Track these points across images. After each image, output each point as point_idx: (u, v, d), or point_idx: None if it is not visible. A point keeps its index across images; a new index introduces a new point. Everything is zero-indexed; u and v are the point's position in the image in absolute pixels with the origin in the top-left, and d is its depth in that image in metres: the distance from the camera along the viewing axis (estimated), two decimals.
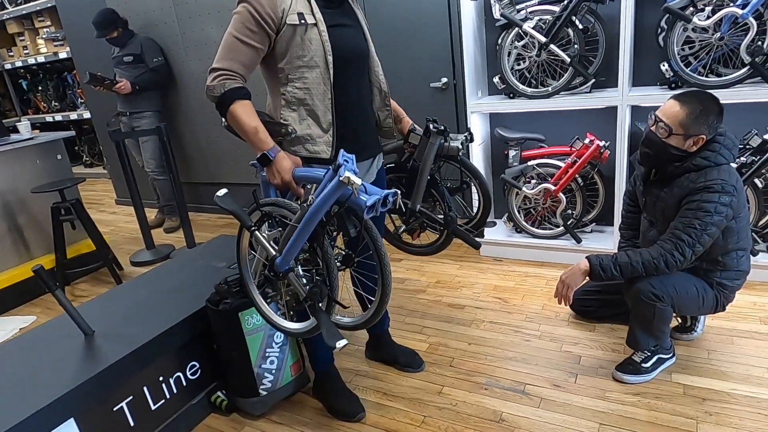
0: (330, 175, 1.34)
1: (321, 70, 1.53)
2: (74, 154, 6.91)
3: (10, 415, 1.44)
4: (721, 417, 1.69)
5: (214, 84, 1.47)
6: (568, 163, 2.73)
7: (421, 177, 1.88)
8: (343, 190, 1.27)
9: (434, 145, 1.82)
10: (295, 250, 1.44)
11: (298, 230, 1.39)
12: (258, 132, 1.49)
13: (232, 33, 1.47)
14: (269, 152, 1.48)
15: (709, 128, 1.71)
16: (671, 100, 1.77)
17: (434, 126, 1.81)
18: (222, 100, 1.47)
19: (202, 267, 2.36)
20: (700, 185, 1.71)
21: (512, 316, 2.41)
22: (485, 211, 2.07)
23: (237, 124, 1.49)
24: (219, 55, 1.49)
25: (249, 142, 1.51)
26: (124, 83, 3.78)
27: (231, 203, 1.45)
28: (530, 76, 2.75)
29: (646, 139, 1.83)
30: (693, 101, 1.72)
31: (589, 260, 1.82)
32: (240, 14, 1.46)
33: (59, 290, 1.78)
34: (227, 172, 4.36)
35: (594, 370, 1.98)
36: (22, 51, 6.37)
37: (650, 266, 1.74)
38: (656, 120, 1.78)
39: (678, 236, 1.71)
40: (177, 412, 1.89)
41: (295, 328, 1.62)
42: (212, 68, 1.49)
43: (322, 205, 1.32)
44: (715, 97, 1.74)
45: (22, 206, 3.29)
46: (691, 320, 2.10)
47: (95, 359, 1.70)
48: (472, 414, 1.84)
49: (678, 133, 1.73)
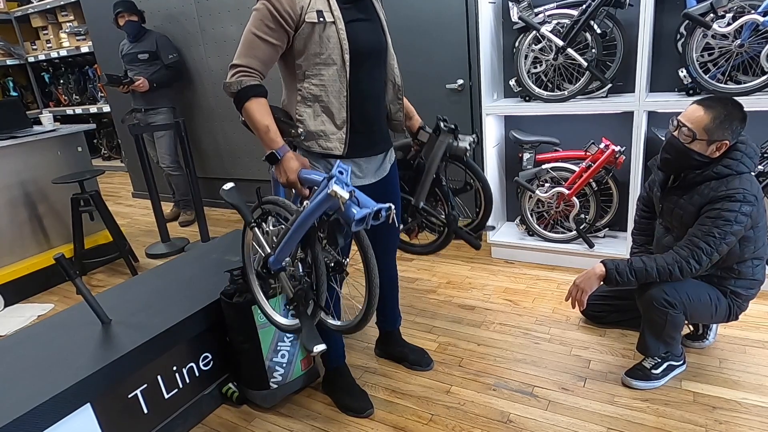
0: (325, 183, 1.36)
1: (338, 67, 1.55)
2: (93, 147, 7.02)
3: (29, 398, 1.49)
4: (730, 426, 1.68)
5: (232, 80, 1.51)
6: (583, 167, 2.73)
7: (427, 174, 1.89)
8: (331, 202, 1.30)
9: (443, 143, 1.83)
10: (287, 252, 1.49)
11: (289, 233, 1.43)
12: (269, 131, 1.52)
13: (251, 30, 1.49)
14: (278, 151, 1.51)
15: (733, 134, 1.70)
16: (694, 105, 1.75)
17: (445, 124, 1.82)
18: (238, 97, 1.50)
19: (216, 260, 2.40)
20: (721, 194, 1.70)
21: (522, 318, 2.41)
22: (486, 214, 2.09)
23: (250, 120, 1.52)
24: (238, 52, 1.52)
25: (260, 139, 1.54)
26: (143, 81, 3.83)
27: (235, 197, 1.49)
28: (546, 79, 2.75)
29: (667, 144, 1.82)
30: (717, 106, 1.71)
31: (605, 265, 1.82)
32: (259, 11, 1.48)
33: (79, 278, 1.83)
34: (243, 168, 4.42)
35: (603, 375, 1.98)
36: (45, 45, 6.50)
37: (665, 272, 1.74)
38: (679, 125, 1.77)
39: (696, 244, 1.71)
40: (189, 402, 1.93)
41: (282, 322, 1.68)
42: (232, 64, 1.52)
43: (311, 214, 1.36)
44: (738, 102, 1.73)
45: (43, 196, 3.36)
46: (703, 328, 2.09)
47: (112, 347, 1.74)
48: (480, 414, 1.85)
49: (702, 139, 1.72)
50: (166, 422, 1.85)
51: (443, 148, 1.85)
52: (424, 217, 2.06)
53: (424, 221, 2.10)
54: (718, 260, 1.74)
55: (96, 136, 7.13)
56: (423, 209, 1.97)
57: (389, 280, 2.04)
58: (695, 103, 1.76)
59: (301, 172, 1.52)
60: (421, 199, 1.95)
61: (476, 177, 2.02)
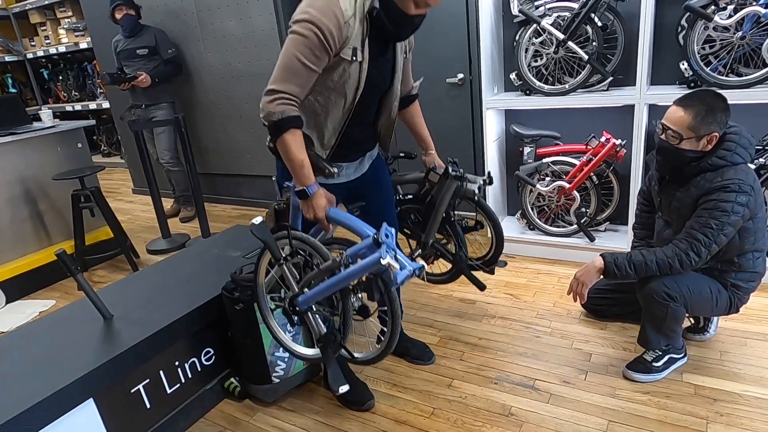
0: (370, 243, 1.40)
1: (346, 99, 1.56)
2: (93, 144, 7.02)
3: (32, 393, 1.49)
4: (732, 418, 1.69)
5: (274, 108, 1.44)
6: (583, 161, 2.72)
7: (436, 215, 1.94)
8: (379, 267, 1.35)
9: (450, 188, 1.89)
10: (320, 298, 1.52)
11: (327, 284, 1.47)
12: (303, 166, 1.51)
13: (297, 56, 1.42)
14: (309, 188, 1.51)
15: (720, 125, 1.70)
16: (674, 106, 1.75)
17: (453, 169, 1.87)
18: (278, 126, 1.46)
19: (217, 256, 2.40)
20: (716, 185, 1.70)
21: (523, 312, 2.41)
22: (497, 251, 2.16)
23: (286, 153, 1.50)
24: (279, 76, 1.45)
25: (292, 173, 1.53)
26: (145, 76, 3.82)
27: (265, 233, 1.50)
28: (547, 73, 2.74)
29: (659, 148, 1.83)
30: (696, 103, 1.71)
31: (604, 258, 1.82)
32: (308, 38, 1.41)
33: (80, 274, 1.82)
34: (242, 164, 4.41)
35: (604, 368, 1.99)
36: (44, 41, 6.47)
37: (664, 265, 1.74)
38: (664, 128, 1.78)
39: (693, 236, 1.71)
40: (191, 397, 1.93)
41: (303, 353, 1.72)
42: (272, 89, 1.45)
43: (357, 273, 1.40)
44: (716, 93, 1.73)
45: (44, 193, 3.36)
46: (704, 321, 2.09)
47: (114, 342, 1.75)
48: (481, 407, 1.85)
49: (689, 137, 1.72)
50: (169, 417, 1.85)
51: (451, 192, 1.90)
52: (435, 250, 2.13)
53: (439, 251, 2.17)
54: (718, 252, 1.75)
55: (95, 133, 7.12)
56: (433, 245, 2.04)
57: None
58: (674, 104, 1.76)
59: (330, 211, 1.55)
60: (431, 237, 2.01)
61: (488, 216, 2.10)
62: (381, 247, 1.34)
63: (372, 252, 1.40)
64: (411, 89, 1.92)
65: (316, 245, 1.52)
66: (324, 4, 1.42)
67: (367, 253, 1.43)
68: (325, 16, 1.40)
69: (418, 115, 1.97)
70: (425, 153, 2.02)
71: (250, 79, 4.02)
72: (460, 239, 2.06)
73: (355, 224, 1.53)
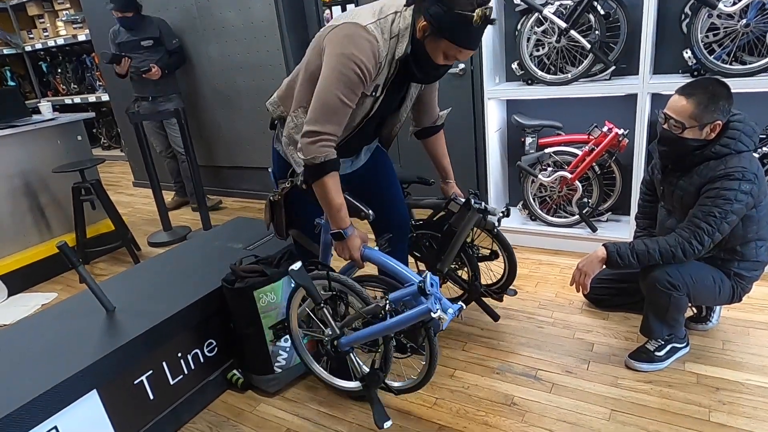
0: (414, 291, 1.42)
1: (352, 123, 1.57)
2: (92, 137, 7.00)
3: (36, 385, 1.49)
4: (734, 406, 1.69)
5: (317, 151, 1.43)
6: (586, 151, 2.71)
7: (455, 243, 1.97)
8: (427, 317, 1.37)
9: (472, 220, 1.90)
10: (363, 341, 1.55)
11: (373, 330, 1.49)
12: (341, 209, 1.52)
13: (339, 96, 1.42)
14: (345, 231, 1.52)
15: (722, 113, 1.69)
16: (676, 95, 1.74)
17: (476, 202, 1.89)
18: (320, 169, 1.46)
19: (219, 248, 2.40)
20: (720, 172, 1.69)
21: (525, 302, 2.41)
22: (509, 280, 2.22)
23: (325, 195, 1.50)
24: (321, 117, 1.43)
25: (328, 215, 1.54)
26: (156, 69, 3.77)
27: (305, 278, 1.51)
28: (549, 62, 2.72)
29: (662, 138, 1.81)
30: (698, 91, 1.69)
31: (607, 248, 1.81)
32: (350, 78, 1.41)
33: (82, 266, 1.83)
34: (245, 156, 4.40)
35: (607, 358, 1.99)
36: (42, 33, 6.44)
37: (667, 254, 1.74)
38: (666, 118, 1.76)
39: (696, 224, 1.70)
40: (195, 388, 1.94)
41: (345, 386, 1.74)
42: (314, 131, 1.43)
43: (405, 323, 1.42)
44: (719, 80, 1.72)
45: (44, 186, 3.36)
46: (707, 310, 2.09)
47: (116, 334, 1.75)
48: (484, 397, 1.86)
49: (692, 126, 1.71)
50: (172, 408, 1.86)
51: (471, 224, 1.92)
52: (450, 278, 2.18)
53: (450, 274, 2.21)
54: (721, 241, 1.74)
55: (95, 126, 7.10)
56: (447, 273, 2.08)
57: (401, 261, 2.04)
58: (676, 93, 1.74)
59: (365, 251, 1.56)
60: (446, 266, 2.04)
61: (503, 247, 2.13)
62: (429, 299, 1.37)
63: (416, 299, 1.43)
64: (436, 120, 1.91)
65: (355, 288, 1.54)
66: (366, 44, 1.41)
67: (412, 301, 1.45)
68: (367, 57, 1.41)
69: (441, 145, 1.97)
70: (444, 182, 2.03)
71: (249, 70, 4.00)
72: (475, 269, 2.10)
73: (395, 269, 1.55)
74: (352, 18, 1.45)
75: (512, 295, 2.31)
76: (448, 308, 1.37)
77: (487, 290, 2.19)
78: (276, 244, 2.29)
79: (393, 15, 1.46)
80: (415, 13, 1.44)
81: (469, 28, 1.37)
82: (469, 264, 2.11)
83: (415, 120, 1.93)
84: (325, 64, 1.44)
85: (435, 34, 1.41)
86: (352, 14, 1.48)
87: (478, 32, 1.41)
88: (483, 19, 1.34)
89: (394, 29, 1.46)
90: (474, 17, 1.33)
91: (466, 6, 1.34)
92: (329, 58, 1.43)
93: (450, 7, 1.35)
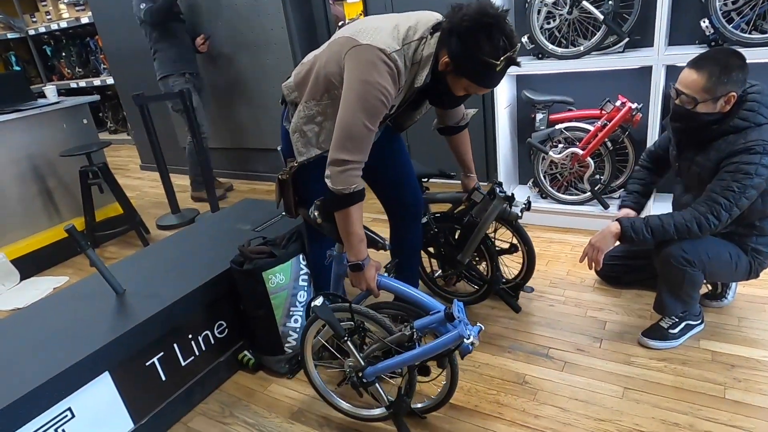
0: (441, 318, 1.41)
1: None
2: (99, 121, 6.99)
3: (49, 368, 1.50)
4: (749, 383, 1.67)
5: (347, 181, 1.41)
6: (598, 126, 2.65)
7: (478, 234, 1.98)
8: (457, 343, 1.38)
9: (497, 208, 1.90)
10: (389, 370, 1.53)
11: (402, 359, 1.47)
12: (362, 241, 1.50)
13: (365, 123, 1.39)
14: (362, 262, 1.50)
15: (737, 84, 1.62)
16: (686, 69, 1.67)
17: (501, 191, 1.90)
18: (349, 198, 1.43)
19: (227, 230, 2.39)
20: (740, 147, 1.64)
21: (536, 281, 2.38)
22: (527, 276, 2.21)
23: (348, 226, 1.47)
24: (350, 145, 1.40)
25: (347, 246, 1.51)
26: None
27: (328, 314, 1.50)
28: (560, 35, 2.65)
29: (674, 114, 1.75)
30: (709, 63, 1.62)
31: (620, 222, 1.77)
32: (373, 105, 1.39)
33: (91, 249, 1.82)
34: (250, 138, 4.37)
35: (619, 336, 1.97)
36: (45, 16, 6.39)
37: (683, 229, 1.69)
38: (678, 93, 1.70)
39: (714, 199, 1.65)
40: (206, 369, 1.95)
41: (369, 414, 1.71)
42: (343, 159, 1.39)
43: (437, 349, 1.41)
44: (731, 50, 1.65)
45: (52, 170, 3.36)
46: (722, 287, 2.05)
47: (127, 316, 1.75)
48: (495, 376, 1.85)
49: (704, 100, 1.64)
50: (185, 388, 1.87)
51: (496, 213, 1.92)
52: (465, 270, 2.17)
53: (464, 272, 2.22)
54: (739, 216, 1.69)
55: (101, 110, 7.08)
56: (467, 265, 2.08)
57: (413, 245, 2.03)
58: (687, 66, 1.67)
59: (380, 281, 1.55)
60: (467, 257, 2.04)
61: (523, 241, 2.12)
62: (459, 325, 1.36)
63: (443, 326, 1.42)
64: (460, 120, 1.88)
65: (377, 319, 1.52)
66: (388, 71, 1.38)
67: (438, 327, 1.44)
68: (389, 84, 1.40)
69: (465, 143, 1.95)
70: (465, 175, 2.01)
71: (255, 50, 3.93)
72: (495, 261, 2.08)
73: (414, 297, 1.53)
74: (373, 36, 1.40)
75: (529, 292, 2.29)
76: (472, 331, 1.38)
77: (504, 290, 2.17)
78: (284, 225, 2.28)
79: (417, 42, 1.43)
80: (440, 44, 1.42)
81: (492, 72, 1.36)
82: (489, 256, 2.10)
83: (439, 118, 1.89)
84: (347, 88, 1.40)
85: (457, 73, 1.41)
86: (374, 31, 1.43)
87: (501, 74, 1.40)
88: (507, 63, 1.34)
89: (417, 56, 1.44)
90: (498, 64, 1.33)
91: (491, 53, 1.33)
92: (352, 83, 1.39)
93: (474, 52, 1.34)
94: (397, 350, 1.50)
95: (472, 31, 1.33)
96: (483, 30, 1.32)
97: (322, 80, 1.49)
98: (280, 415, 1.82)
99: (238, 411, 1.87)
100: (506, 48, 1.33)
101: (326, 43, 1.57)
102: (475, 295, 2.22)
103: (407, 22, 1.46)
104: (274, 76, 3.85)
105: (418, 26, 1.45)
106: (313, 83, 1.52)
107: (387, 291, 1.59)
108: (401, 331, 1.47)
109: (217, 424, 1.82)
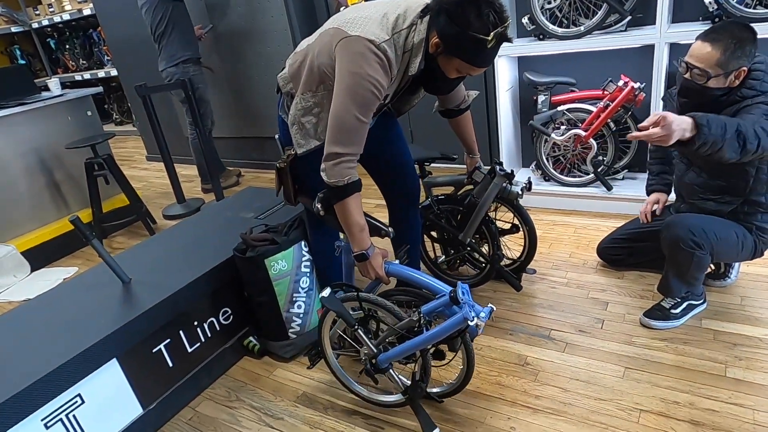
0: (447, 301, 1.41)
1: None
2: (104, 113, 7.02)
3: (58, 355, 1.54)
4: (751, 362, 1.67)
5: (341, 173, 1.41)
6: (600, 107, 2.62)
7: (478, 213, 1.99)
8: (465, 325, 1.38)
9: (497, 186, 1.92)
10: (402, 356, 1.55)
11: (411, 345, 1.48)
12: (363, 230, 1.50)
13: (356, 116, 1.39)
14: (367, 251, 1.51)
15: (748, 58, 1.60)
16: (699, 42, 1.63)
17: (501, 169, 1.90)
18: (344, 190, 1.44)
19: (231, 218, 2.41)
20: (747, 104, 1.60)
21: (539, 263, 2.39)
22: (528, 257, 2.21)
23: (347, 217, 1.48)
24: (341, 137, 1.40)
25: (350, 237, 1.52)
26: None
27: (336, 304, 1.52)
28: (561, 15, 2.61)
29: (683, 89, 1.72)
30: (723, 36, 1.59)
31: (694, 116, 1.46)
32: (365, 97, 1.39)
33: (96, 240, 1.85)
34: (251, 126, 4.37)
35: (621, 317, 1.97)
36: (48, 9, 6.39)
37: (745, 132, 1.45)
38: (689, 67, 1.66)
39: (753, 120, 1.51)
40: (212, 355, 1.98)
41: (386, 400, 1.73)
42: (336, 152, 1.40)
43: (443, 334, 1.42)
44: (743, 24, 1.62)
45: (58, 162, 3.39)
46: (725, 267, 2.04)
47: (133, 304, 1.78)
48: (497, 358, 1.86)
49: (717, 75, 1.61)
50: (191, 374, 1.91)
51: (496, 191, 1.93)
52: (467, 252, 2.18)
53: (467, 255, 2.23)
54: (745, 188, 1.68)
55: (106, 102, 7.11)
56: (469, 244, 2.09)
57: (413, 228, 2.03)
58: (699, 39, 1.63)
59: (388, 267, 1.56)
60: (469, 236, 2.06)
61: (524, 221, 2.12)
62: (464, 307, 1.37)
63: (449, 309, 1.44)
64: (461, 103, 1.86)
65: (387, 306, 1.53)
66: (379, 62, 1.38)
67: (446, 310, 1.45)
68: (381, 75, 1.39)
69: (467, 124, 1.93)
70: (469, 156, 2.01)
71: (255, 38, 3.92)
72: (496, 240, 2.09)
73: (422, 281, 1.54)
74: (362, 27, 1.39)
75: (531, 274, 2.30)
76: (480, 312, 1.38)
77: (505, 270, 2.17)
78: (286, 212, 2.29)
79: (407, 30, 1.42)
80: (429, 26, 1.40)
81: (483, 49, 1.33)
82: (490, 236, 2.10)
83: (440, 101, 1.88)
84: (338, 80, 1.40)
85: (448, 53, 1.39)
86: (363, 21, 1.42)
87: (492, 52, 1.37)
88: (498, 40, 1.31)
89: (408, 44, 1.43)
90: (489, 40, 1.29)
91: (481, 29, 1.29)
92: (343, 75, 1.39)
93: (464, 29, 1.31)
94: (408, 336, 1.52)
95: (460, 7, 1.31)
96: (471, 5, 1.30)
97: (317, 72, 1.49)
98: (286, 398, 1.86)
99: (245, 395, 1.90)
100: (496, 23, 1.30)
101: (317, 32, 1.56)
102: (477, 276, 2.23)
103: (396, 10, 1.44)
104: (274, 63, 3.84)
105: (407, 13, 1.43)
106: (307, 75, 1.52)
107: (395, 277, 1.60)
108: (410, 317, 1.49)
109: (225, 408, 1.86)
